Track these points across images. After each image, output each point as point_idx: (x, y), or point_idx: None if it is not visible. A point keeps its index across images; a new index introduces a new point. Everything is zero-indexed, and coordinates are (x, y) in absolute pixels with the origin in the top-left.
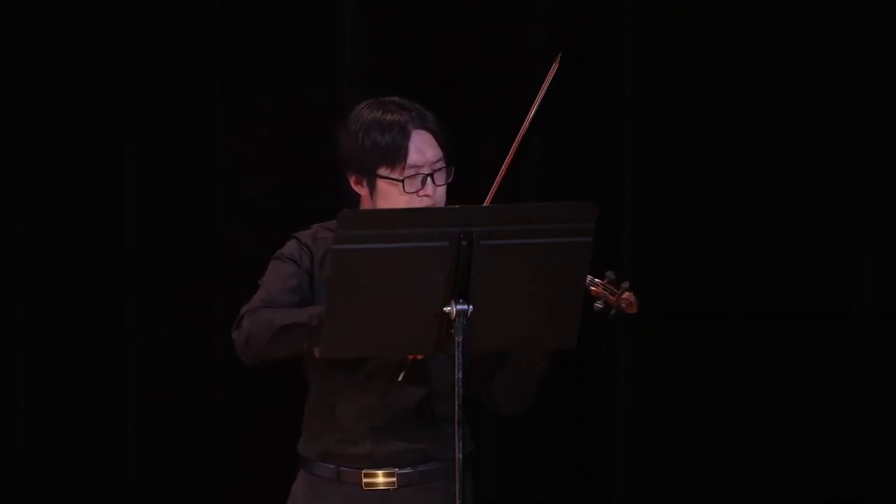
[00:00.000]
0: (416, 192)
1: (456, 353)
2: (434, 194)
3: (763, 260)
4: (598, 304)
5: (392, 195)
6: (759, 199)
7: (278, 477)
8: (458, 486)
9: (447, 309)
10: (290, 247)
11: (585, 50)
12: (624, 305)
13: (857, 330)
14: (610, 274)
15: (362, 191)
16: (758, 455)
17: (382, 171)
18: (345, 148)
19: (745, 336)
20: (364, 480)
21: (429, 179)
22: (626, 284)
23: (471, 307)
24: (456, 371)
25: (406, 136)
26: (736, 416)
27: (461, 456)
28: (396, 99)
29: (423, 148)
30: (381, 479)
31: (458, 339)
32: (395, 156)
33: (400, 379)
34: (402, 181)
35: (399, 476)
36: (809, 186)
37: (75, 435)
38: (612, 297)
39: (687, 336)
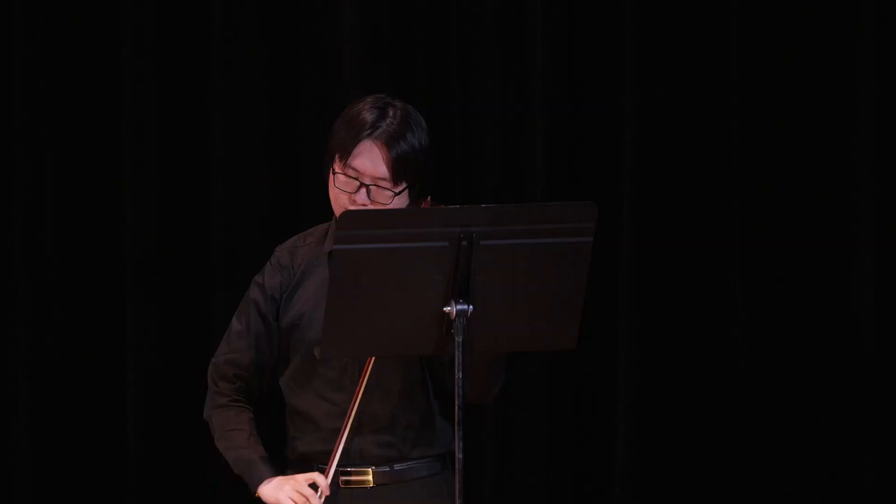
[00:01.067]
0: (349, 194)
1: (456, 353)
2: (368, 206)
3: (763, 260)
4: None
5: (331, 186)
6: (758, 199)
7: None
8: (457, 485)
9: (447, 309)
10: (264, 271)
11: (586, 50)
12: None
13: (858, 330)
14: None
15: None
16: (758, 455)
17: (335, 159)
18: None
19: (745, 336)
20: (342, 478)
21: (363, 190)
22: None
23: (471, 307)
24: (456, 371)
25: (359, 139)
26: (736, 416)
27: (461, 456)
28: (397, 106)
29: (367, 160)
30: (357, 477)
31: (458, 339)
32: (343, 151)
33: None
34: (336, 175)
35: (375, 474)
36: (809, 186)
37: (75, 434)
38: None
39: (687, 336)
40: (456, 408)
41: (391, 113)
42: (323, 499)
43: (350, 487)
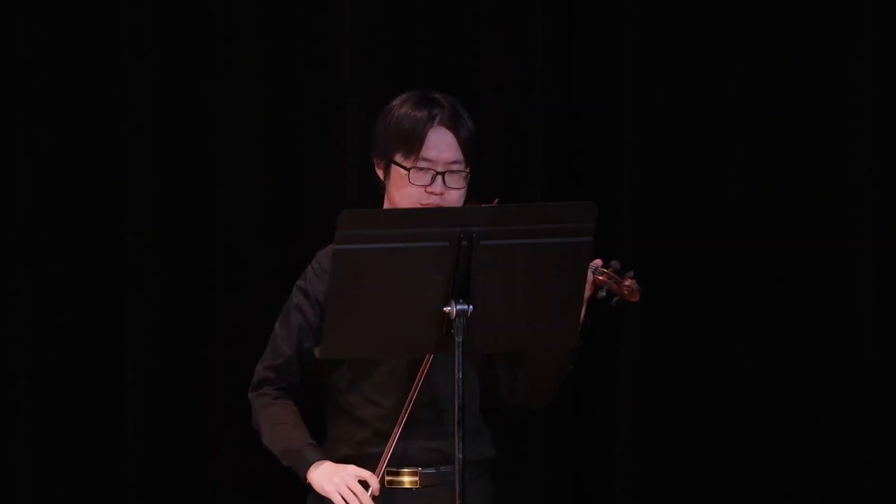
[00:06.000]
0: (424, 187)
1: (456, 353)
2: (444, 194)
3: (763, 260)
4: (602, 293)
5: (402, 184)
6: (758, 199)
7: (278, 478)
8: (458, 486)
9: (447, 309)
10: (307, 276)
11: (586, 50)
12: (626, 293)
13: (858, 330)
14: (615, 263)
15: (380, 173)
16: (758, 455)
17: (398, 158)
18: (375, 129)
19: (745, 336)
20: (387, 479)
21: (439, 178)
22: (630, 273)
23: (471, 307)
24: (456, 371)
25: (427, 127)
26: (736, 416)
27: (461, 455)
28: (438, 95)
29: (440, 145)
30: (403, 477)
31: (458, 339)
32: (412, 144)
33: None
34: (409, 171)
35: (422, 476)
36: (809, 186)
37: (75, 434)
38: (615, 286)
39: (687, 336)
40: (456, 408)
41: (442, 100)
42: (371, 499)
43: (396, 488)
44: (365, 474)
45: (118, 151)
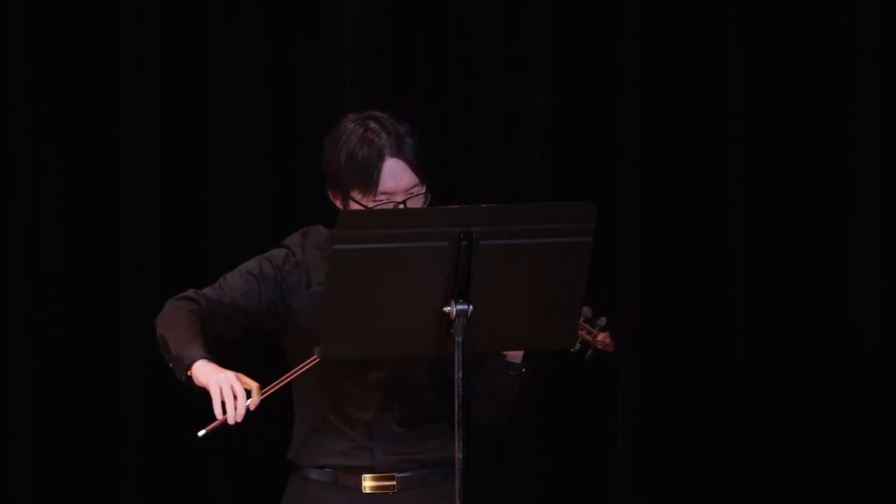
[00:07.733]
0: None
1: (456, 353)
2: None
3: (763, 259)
4: (576, 345)
5: None
6: (759, 199)
7: (277, 479)
8: (457, 486)
9: (447, 309)
10: (280, 257)
11: (586, 50)
12: (601, 347)
13: (859, 329)
14: (586, 311)
15: (338, 203)
16: (758, 455)
17: (355, 195)
18: (325, 161)
19: (745, 336)
20: (364, 483)
21: (401, 207)
22: (602, 322)
23: (471, 307)
24: (456, 371)
25: (380, 161)
26: (736, 415)
27: (461, 455)
28: (382, 117)
29: (396, 176)
30: (380, 482)
31: (458, 339)
32: (368, 183)
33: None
34: (372, 209)
35: (399, 479)
36: (810, 186)
37: (75, 436)
38: (588, 337)
39: (687, 335)
40: (456, 407)
41: (386, 125)
42: (244, 409)
43: (373, 493)
44: (252, 385)
45: (118, 151)
